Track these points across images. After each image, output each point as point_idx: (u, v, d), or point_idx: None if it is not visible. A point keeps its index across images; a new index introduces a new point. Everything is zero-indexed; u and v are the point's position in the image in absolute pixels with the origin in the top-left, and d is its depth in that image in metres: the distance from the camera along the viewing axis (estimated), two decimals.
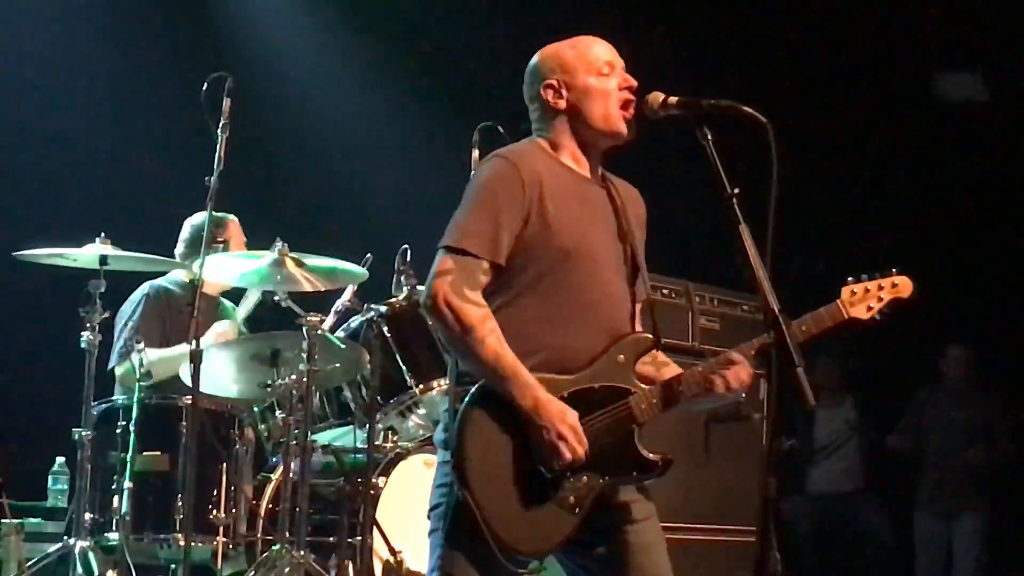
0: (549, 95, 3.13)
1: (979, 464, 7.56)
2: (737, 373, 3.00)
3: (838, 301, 3.09)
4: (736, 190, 2.82)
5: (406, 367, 5.02)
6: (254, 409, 5.19)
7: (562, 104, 3.12)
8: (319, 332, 4.77)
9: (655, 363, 3.14)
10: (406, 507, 4.89)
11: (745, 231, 2.78)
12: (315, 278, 4.96)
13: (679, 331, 5.69)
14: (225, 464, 4.89)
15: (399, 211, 7.31)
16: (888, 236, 7.84)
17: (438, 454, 3.07)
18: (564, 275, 3.00)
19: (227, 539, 4.83)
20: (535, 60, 3.20)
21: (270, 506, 5.05)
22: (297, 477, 4.76)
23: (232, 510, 4.87)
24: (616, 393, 2.99)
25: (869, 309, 3.09)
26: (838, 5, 7.70)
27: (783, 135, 2.72)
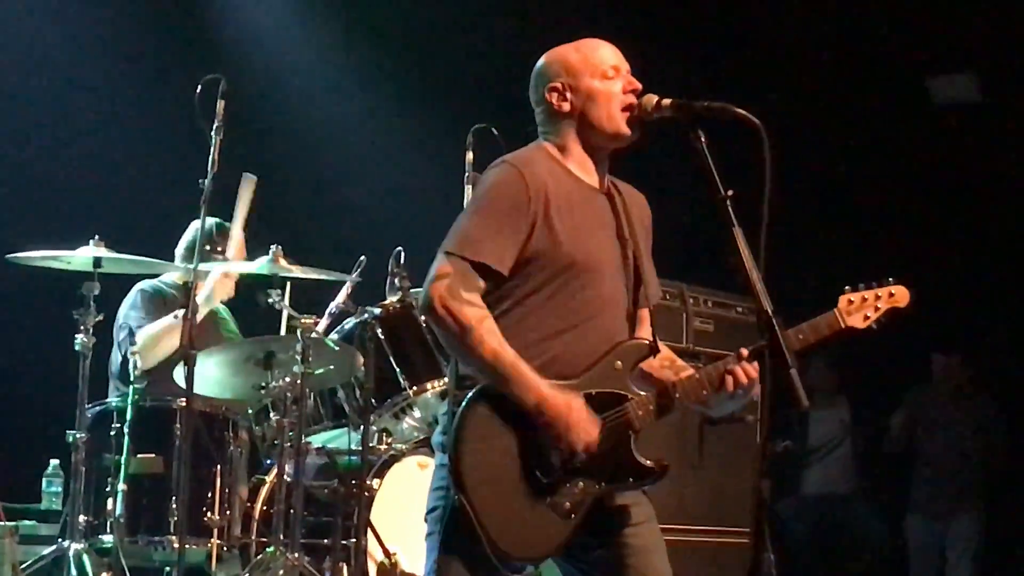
0: (554, 98, 3.11)
1: (976, 452, 7.56)
2: (746, 369, 2.95)
3: (835, 310, 3.08)
4: (729, 192, 2.83)
5: (400, 369, 5.03)
6: (248, 411, 5.19)
7: (567, 107, 3.10)
8: (313, 334, 4.78)
9: (673, 367, 3.12)
10: (400, 509, 4.88)
11: (738, 233, 2.79)
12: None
13: (673, 333, 5.69)
14: (219, 466, 4.91)
15: (393, 213, 7.31)
16: (880, 238, 7.85)
17: (436, 457, 3.07)
18: (567, 285, 2.99)
19: (221, 541, 4.83)
20: (541, 63, 3.18)
21: (264, 508, 5.05)
22: (291, 479, 4.77)
23: (226, 512, 4.87)
24: (613, 399, 2.98)
25: (866, 318, 3.09)
26: (831, 8, 7.70)
27: (775, 137, 2.73)
